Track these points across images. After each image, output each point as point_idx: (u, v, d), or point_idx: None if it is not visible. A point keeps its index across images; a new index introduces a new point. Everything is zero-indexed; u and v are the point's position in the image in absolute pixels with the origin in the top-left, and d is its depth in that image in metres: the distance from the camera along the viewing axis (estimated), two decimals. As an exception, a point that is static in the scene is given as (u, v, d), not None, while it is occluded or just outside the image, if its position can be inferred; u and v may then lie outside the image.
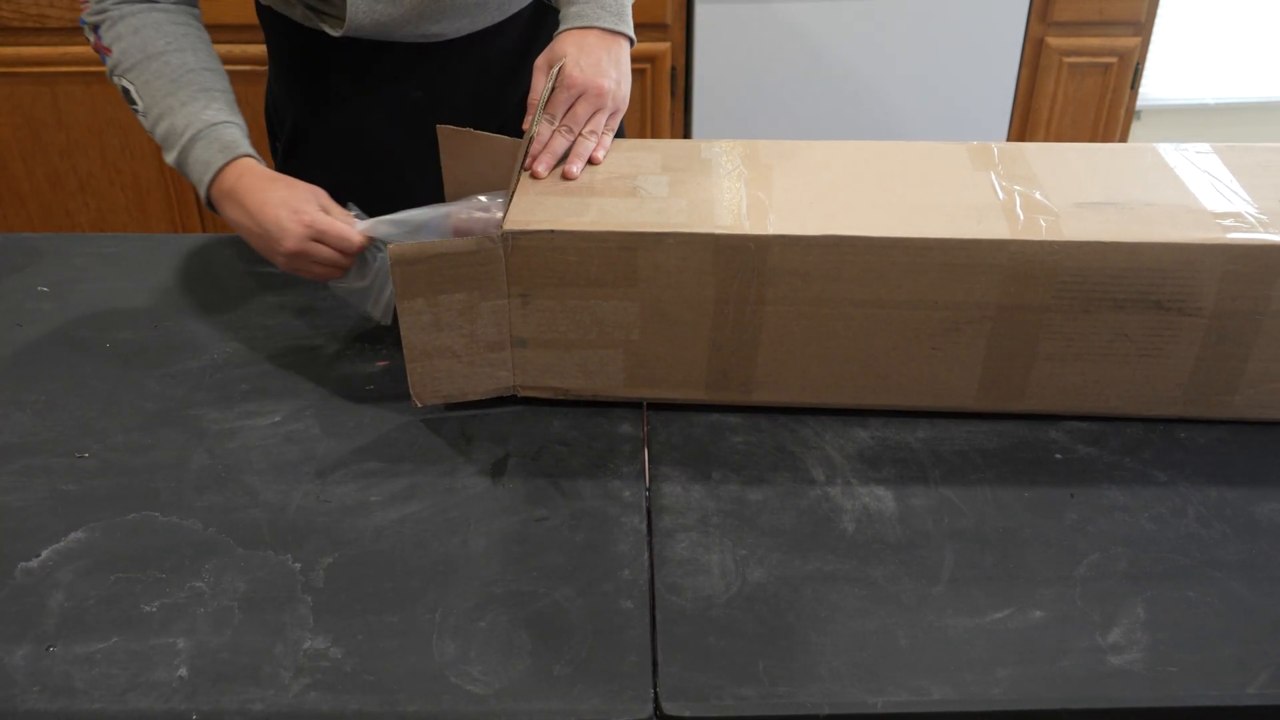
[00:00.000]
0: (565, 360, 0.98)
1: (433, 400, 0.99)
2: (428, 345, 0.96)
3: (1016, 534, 0.88)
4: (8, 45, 2.18)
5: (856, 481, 0.93)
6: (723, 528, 0.88)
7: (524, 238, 0.92)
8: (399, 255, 0.92)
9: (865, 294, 0.93)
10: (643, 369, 0.98)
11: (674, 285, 0.94)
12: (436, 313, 0.94)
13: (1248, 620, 0.80)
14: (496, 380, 0.99)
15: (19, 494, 0.91)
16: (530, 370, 0.99)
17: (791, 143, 1.06)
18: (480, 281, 0.94)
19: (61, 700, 0.74)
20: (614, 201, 0.97)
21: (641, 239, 0.92)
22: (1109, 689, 0.75)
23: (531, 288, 0.95)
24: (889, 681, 0.76)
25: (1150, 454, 0.96)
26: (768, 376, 0.98)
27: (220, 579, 0.83)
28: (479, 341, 0.97)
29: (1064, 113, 2.34)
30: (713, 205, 0.95)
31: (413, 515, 0.89)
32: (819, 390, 0.99)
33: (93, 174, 2.33)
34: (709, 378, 0.99)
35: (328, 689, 0.75)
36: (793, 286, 0.93)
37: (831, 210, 0.94)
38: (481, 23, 1.20)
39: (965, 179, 0.99)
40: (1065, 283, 0.92)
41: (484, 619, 0.80)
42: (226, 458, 0.95)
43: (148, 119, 1.07)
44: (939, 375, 0.97)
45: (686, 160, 1.03)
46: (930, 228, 0.92)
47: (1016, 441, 0.97)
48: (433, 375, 0.98)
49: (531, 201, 0.97)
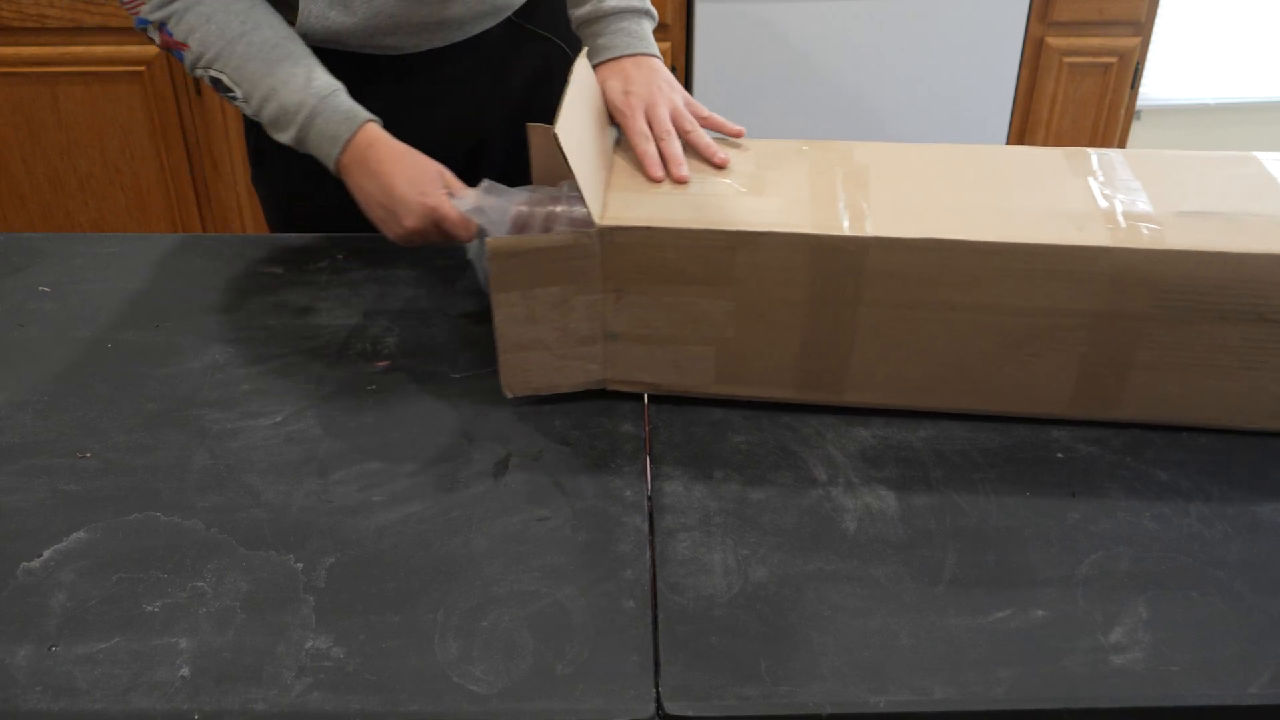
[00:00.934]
0: (657, 355, 0.98)
1: (522, 392, 0.99)
2: (521, 338, 0.96)
3: (1018, 533, 0.88)
4: (8, 45, 2.18)
5: (858, 481, 0.93)
6: (725, 527, 0.88)
7: (620, 234, 0.92)
8: (496, 249, 0.92)
9: (962, 298, 0.92)
10: (734, 367, 0.98)
11: (769, 284, 0.93)
12: (531, 305, 0.95)
13: (1250, 620, 0.81)
14: (587, 374, 0.99)
15: (20, 494, 0.91)
16: (621, 364, 0.99)
17: (888, 144, 1.06)
18: (575, 276, 0.94)
19: (63, 700, 0.75)
20: (710, 199, 0.96)
21: (738, 238, 0.92)
22: (1111, 688, 0.75)
23: (626, 283, 0.94)
24: (891, 681, 0.76)
25: (1152, 453, 0.96)
26: (859, 378, 0.97)
27: (222, 579, 0.83)
28: (571, 335, 0.97)
29: (1064, 113, 2.34)
30: (809, 205, 0.95)
31: (414, 515, 0.89)
32: (911, 393, 0.98)
33: (93, 174, 2.33)
34: (800, 377, 0.98)
35: (330, 689, 0.75)
36: (889, 288, 0.93)
37: (930, 213, 0.94)
38: (440, 41, 1.19)
39: (1064, 184, 0.98)
40: (1166, 292, 0.90)
41: (486, 619, 0.80)
42: (228, 458, 0.95)
43: (250, 104, 1.08)
44: (1033, 381, 0.96)
45: (782, 159, 1.03)
46: (1031, 233, 0.91)
47: (1018, 441, 0.97)
48: (524, 367, 0.98)
49: (628, 198, 0.97)
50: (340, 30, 1.13)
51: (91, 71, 2.20)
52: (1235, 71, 2.70)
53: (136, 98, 2.24)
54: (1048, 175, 1.00)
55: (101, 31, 2.17)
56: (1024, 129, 2.36)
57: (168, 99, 2.25)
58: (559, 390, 1.00)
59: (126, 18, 1.12)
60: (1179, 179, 0.99)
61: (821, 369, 0.97)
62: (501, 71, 1.24)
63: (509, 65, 1.24)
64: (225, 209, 2.39)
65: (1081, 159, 1.03)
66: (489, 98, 1.26)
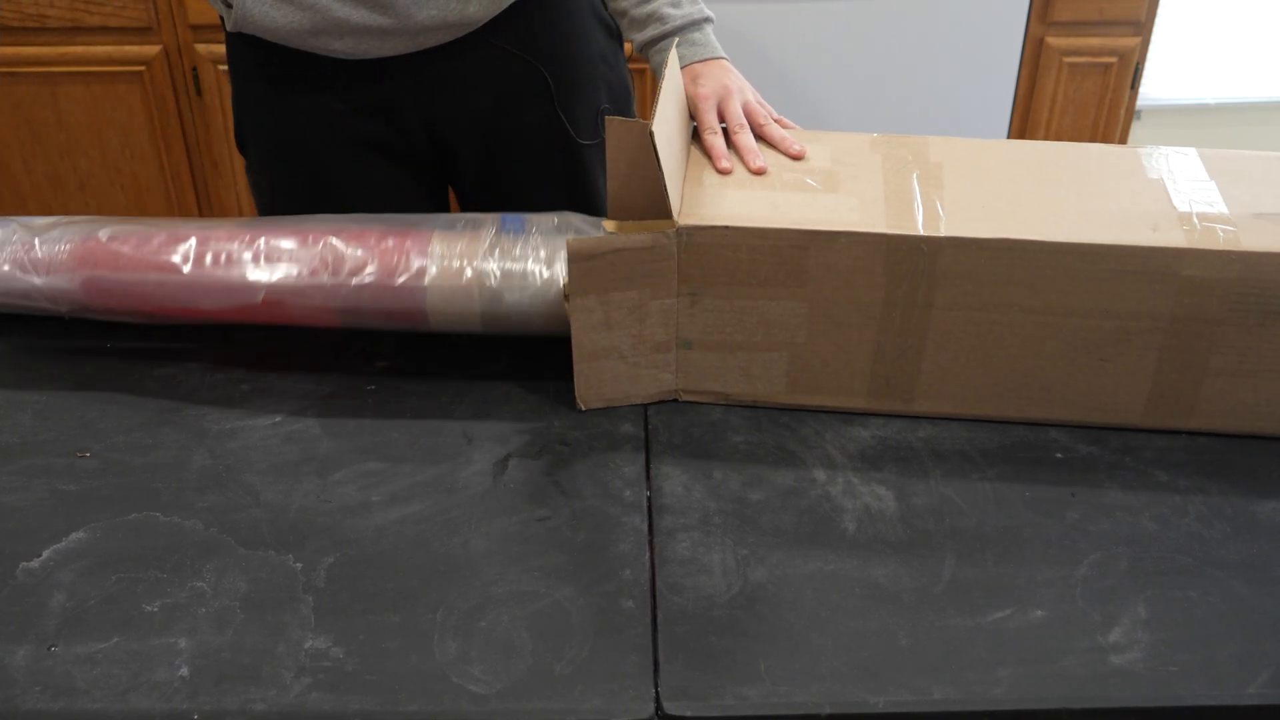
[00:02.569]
0: (729, 363, 0.98)
1: (596, 404, 0.99)
2: (596, 345, 0.96)
3: (1017, 533, 0.88)
4: (8, 45, 2.18)
5: (858, 481, 0.93)
6: (724, 527, 0.88)
7: (699, 233, 0.91)
8: (576, 250, 0.91)
9: (1035, 300, 0.91)
10: (805, 374, 0.97)
11: (843, 286, 0.93)
12: (607, 311, 0.94)
13: (1249, 620, 0.81)
14: (660, 383, 0.99)
15: (20, 494, 0.91)
16: (694, 374, 0.99)
17: (961, 140, 1.04)
18: (652, 279, 0.93)
19: (63, 700, 0.75)
20: (785, 196, 0.96)
21: (814, 237, 0.91)
22: (1110, 688, 0.75)
23: (702, 286, 0.94)
24: (890, 681, 0.76)
25: (1151, 453, 0.96)
26: (931, 385, 0.97)
27: (221, 579, 0.83)
28: (646, 343, 0.96)
29: (1064, 113, 2.34)
30: (884, 203, 0.94)
31: (414, 515, 0.89)
32: (983, 402, 0.97)
33: (93, 174, 2.33)
34: (871, 385, 0.97)
35: (329, 689, 0.75)
36: (962, 291, 0.92)
37: (1004, 212, 0.93)
38: (391, 50, 1.16)
39: (1139, 184, 0.97)
40: (1242, 295, 0.89)
41: (485, 619, 0.80)
42: (227, 458, 0.95)
43: None
44: (1106, 388, 0.95)
45: (857, 155, 1.02)
46: (1105, 234, 0.90)
47: (1017, 441, 0.97)
48: (599, 377, 0.97)
49: (703, 195, 0.96)
50: (280, 28, 1.11)
51: (91, 71, 2.20)
52: (1235, 71, 2.70)
53: (136, 98, 2.24)
54: (1122, 174, 0.98)
55: (101, 31, 2.17)
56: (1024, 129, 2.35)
57: (168, 99, 2.25)
58: (632, 401, 0.99)
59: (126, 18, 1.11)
60: (1256, 180, 0.97)
61: (893, 376, 0.96)
62: (468, 86, 1.21)
63: (475, 80, 1.21)
64: (225, 209, 2.39)
65: (1157, 158, 1.01)
66: (455, 111, 1.23)
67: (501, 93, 1.22)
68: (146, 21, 2.15)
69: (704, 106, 1.08)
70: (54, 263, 1.01)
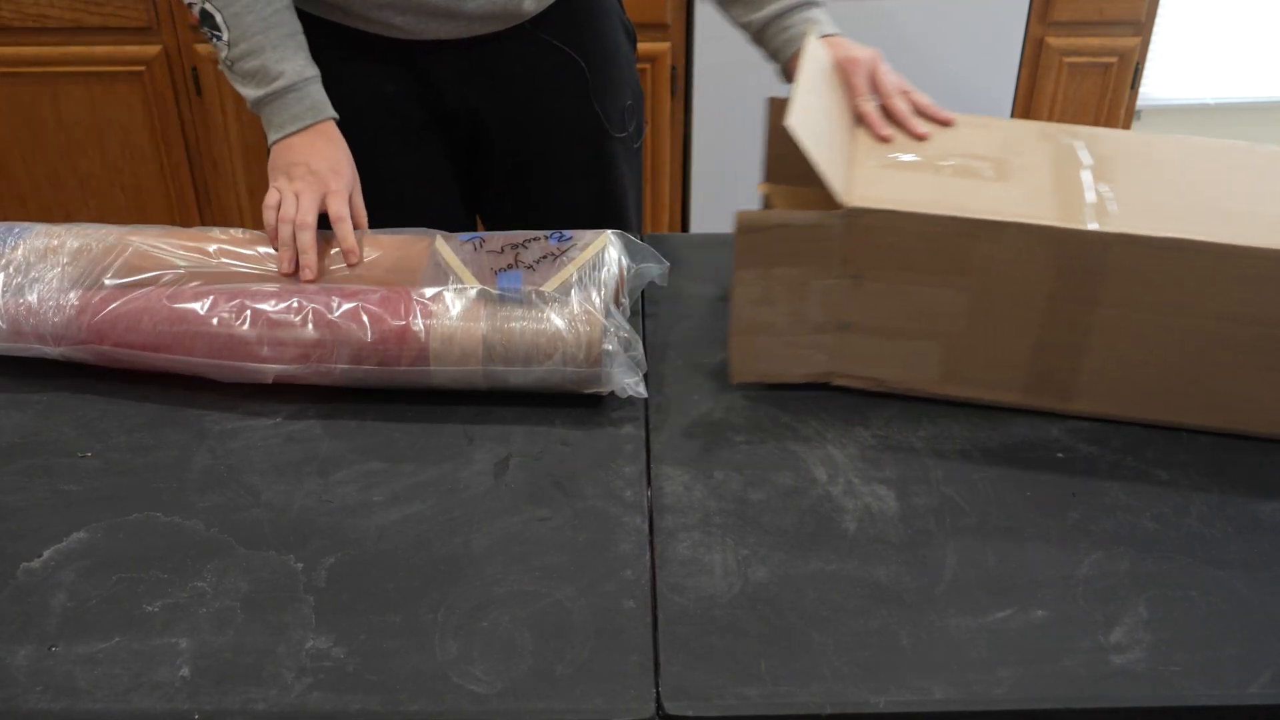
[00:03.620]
0: (885, 349, 0.96)
1: (749, 379, 0.98)
2: (754, 320, 0.95)
3: (1018, 533, 0.88)
4: (8, 45, 2.18)
5: (858, 481, 0.93)
6: (725, 527, 0.88)
7: (866, 215, 0.90)
8: (745, 222, 0.90)
9: (1203, 304, 0.90)
10: (961, 365, 0.96)
11: (1007, 278, 0.91)
12: (768, 286, 0.93)
13: (1250, 620, 0.81)
14: (814, 364, 0.98)
15: (21, 494, 0.91)
16: (849, 358, 0.97)
17: (1131, 133, 1.02)
18: (815, 257, 0.92)
19: (64, 700, 0.75)
20: (953, 182, 0.94)
21: (982, 227, 0.89)
22: (1111, 688, 0.75)
23: (865, 268, 0.92)
24: (891, 681, 0.76)
25: (1152, 453, 0.96)
26: (1090, 384, 0.95)
27: (222, 579, 0.83)
28: (804, 322, 0.95)
29: (1064, 113, 2.34)
30: (1053, 195, 0.92)
31: (415, 515, 0.89)
32: (1142, 404, 0.95)
33: (93, 174, 2.33)
34: (1028, 380, 0.96)
35: (330, 689, 0.75)
36: (1131, 289, 0.90)
37: (1177, 211, 0.91)
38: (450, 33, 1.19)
39: None
40: None
41: (486, 619, 0.80)
42: (228, 458, 0.95)
43: (232, 50, 1.11)
44: (1270, 397, 0.93)
45: (1025, 144, 1.00)
46: (1275, 238, 0.87)
47: (1018, 440, 0.97)
48: (754, 352, 0.96)
49: (869, 175, 0.94)
50: None
51: (91, 71, 2.20)
52: (1235, 71, 2.70)
53: (136, 98, 2.24)
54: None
55: (101, 31, 2.17)
56: (1024, 129, 2.36)
57: (168, 99, 2.25)
58: (786, 380, 0.98)
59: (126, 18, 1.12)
60: None
61: (1051, 373, 0.94)
62: (512, 75, 1.24)
63: (519, 70, 1.24)
64: (225, 209, 2.39)
65: None
66: (495, 97, 1.26)
67: (542, 83, 1.26)
68: (146, 21, 2.15)
69: (858, 73, 1.06)
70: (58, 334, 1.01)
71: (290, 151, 1.11)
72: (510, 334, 0.96)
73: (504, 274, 1.00)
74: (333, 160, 1.11)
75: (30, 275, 1.03)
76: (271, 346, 0.98)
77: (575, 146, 1.30)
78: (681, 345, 1.09)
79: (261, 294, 1.00)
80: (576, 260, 1.01)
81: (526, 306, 0.98)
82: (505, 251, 1.02)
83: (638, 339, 0.98)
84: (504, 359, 0.97)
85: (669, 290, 1.15)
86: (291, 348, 0.98)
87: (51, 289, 1.02)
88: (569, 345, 0.96)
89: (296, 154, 1.11)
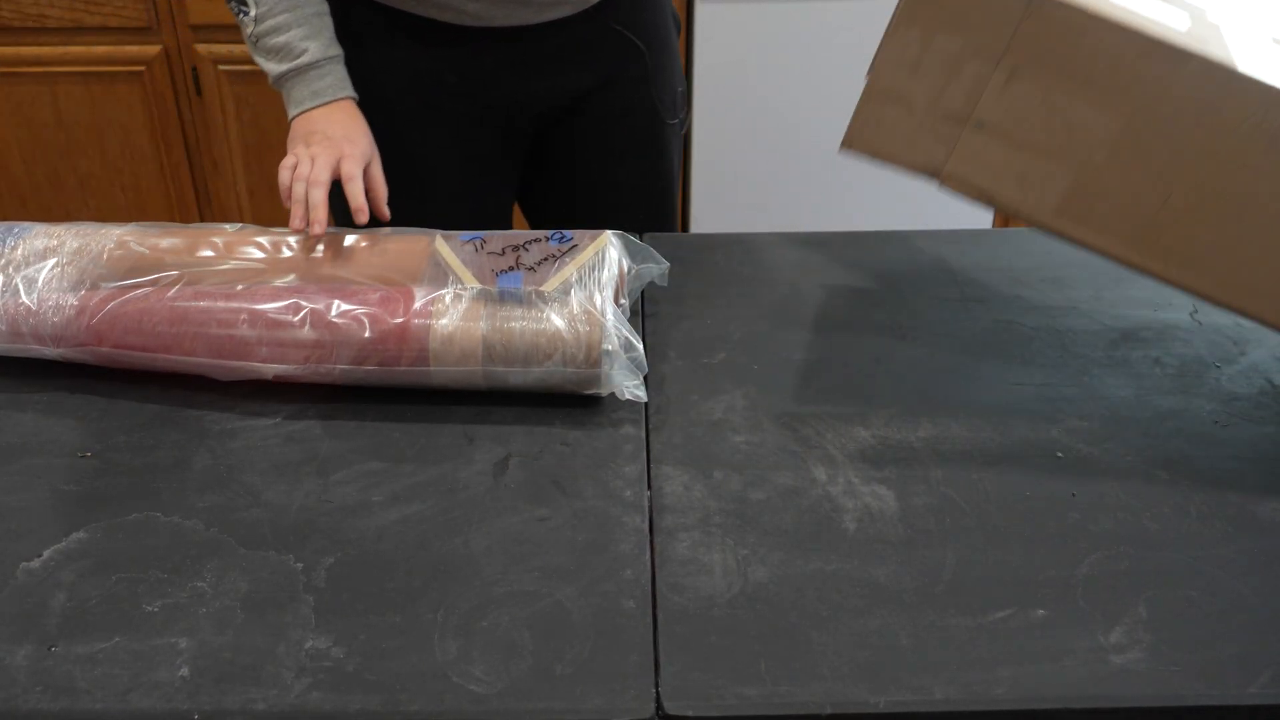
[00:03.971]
0: (1010, 162, 0.90)
1: (858, 149, 0.92)
2: (893, 86, 0.89)
3: (1018, 533, 0.88)
4: (8, 45, 2.18)
5: (858, 480, 0.93)
6: (724, 527, 0.88)
7: (1056, 7, 0.84)
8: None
9: None
10: (1082, 200, 0.89)
11: (1169, 117, 0.85)
12: (922, 53, 0.87)
13: (1250, 619, 0.80)
14: (931, 156, 0.91)
15: (20, 494, 0.91)
16: (970, 160, 0.91)
17: None
18: (984, 33, 0.86)
19: (63, 700, 0.75)
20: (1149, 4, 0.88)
21: (1165, 51, 0.83)
22: (1111, 688, 0.75)
23: (1026, 62, 0.86)
24: (891, 681, 0.76)
25: (1152, 453, 0.96)
26: (1203, 257, 0.89)
27: (222, 579, 0.83)
28: (941, 106, 0.89)
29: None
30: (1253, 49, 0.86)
31: (414, 515, 0.89)
32: (1250, 291, 0.89)
33: (93, 174, 2.33)
34: (1143, 232, 0.89)
35: (330, 689, 0.75)
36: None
37: None
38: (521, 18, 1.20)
39: None
40: None
41: (486, 619, 0.80)
42: (228, 458, 0.95)
43: (258, 25, 1.12)
44: None
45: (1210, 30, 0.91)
46: None
47: (1018, 440, 0.97)
48: (877, 123, 0.91)
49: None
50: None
51: (91, 71, 2.21)
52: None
53: (136, 98, 2.24)
54: None
55: (101, 31, 2.17)
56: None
57: (168, 99, 2.25)
58: (894, 162, 0.92)
59: (126, 18, 1.12)
60: None
61: (1170, 230, 0.88)
62: (576, 59, 1.26)
63: (583, 54, 1.26)
64: (225, 209, 2.39)
65: None
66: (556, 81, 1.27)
67: (605, 68, 1.28)
68: (146, 21, 2.15)
69: None
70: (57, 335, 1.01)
71: (309, 123, 1.13)
72: (510, 334, 0.96)
73: (505, 275, 1.00)
74: (349, 130, 1.12)
75: (30, 276, 1.03)
76: (271, 347, 0.98)
77: (628, 131, 1.32)
78: (681, 345, 1.09)
79: (261, 294, 1.00)
80: (576, 260, 1.01)
81: (526, 306, 0.98)
82: (506, 253, 1.02)
83: (638, 340, 0.98)
84: (504, 359, 0.97)
85: (669, 290, 1.15)
86: (291, 348, 0.98)
87: (51, 289, 1.02)
88: (569, 345, 0.96)
89: (314, 124, 1.13)
